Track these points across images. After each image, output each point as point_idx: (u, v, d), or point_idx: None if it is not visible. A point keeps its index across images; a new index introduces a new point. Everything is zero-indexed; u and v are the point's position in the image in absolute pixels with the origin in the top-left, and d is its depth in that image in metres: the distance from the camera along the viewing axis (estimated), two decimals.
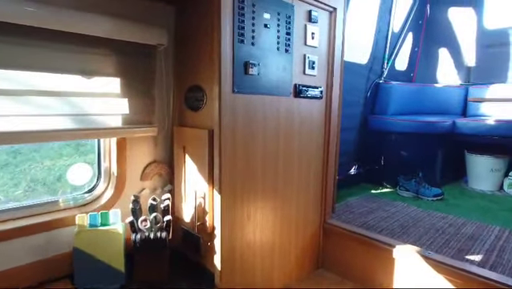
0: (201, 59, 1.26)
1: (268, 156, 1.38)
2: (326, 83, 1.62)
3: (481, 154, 2.73)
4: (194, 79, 1.30)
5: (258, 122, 1.32)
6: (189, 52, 1.31)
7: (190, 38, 1.30)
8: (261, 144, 1.34)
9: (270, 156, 1.39)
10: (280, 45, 1.35)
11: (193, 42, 1.29)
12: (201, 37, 1.25)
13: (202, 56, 1.25)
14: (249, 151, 1.30)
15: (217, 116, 1.18)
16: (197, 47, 1.27)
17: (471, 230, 1.86)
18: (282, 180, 1.45)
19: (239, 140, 1.25)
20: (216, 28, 1.15)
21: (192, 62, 1.30)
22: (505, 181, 2.70)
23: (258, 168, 1.34)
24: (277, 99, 1.38)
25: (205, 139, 1.22)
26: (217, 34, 1.15)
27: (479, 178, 2.78)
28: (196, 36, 1.27)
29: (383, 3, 2.63)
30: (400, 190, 2.60)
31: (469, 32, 3.11)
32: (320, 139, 1.65)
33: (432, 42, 3.28)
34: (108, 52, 1.20)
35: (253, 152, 1.32)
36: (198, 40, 1.26)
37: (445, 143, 2.79)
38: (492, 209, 2.26)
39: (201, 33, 1.25)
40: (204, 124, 1.26)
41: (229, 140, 1.22)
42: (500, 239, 1.74)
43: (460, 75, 3.23)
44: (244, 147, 1.28)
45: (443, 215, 2.09)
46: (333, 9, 1.57)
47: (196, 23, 1.27)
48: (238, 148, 1.26)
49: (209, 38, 1.21)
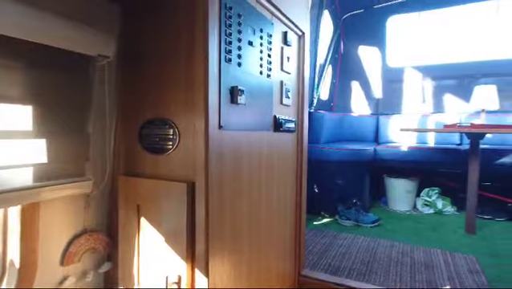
0: (168, 82, 0.88)
1: (253, 213, 1.07)
2: (297, 114, 1.42)
3: (398, 178, 2.99)
4: (157, 109, 0.90)
5: (244, 168, 1.00)
6: (148, 71, 0.91)
7: (149, 52, 0.91)
8: (246, 196, 1.02)
9: (255, 213, 1.08)
10: (263, 68, 1.09)
11: (154, 57, 0.90)
12: (169, 52, 0.88)
13: (171, 78, 0.88)
14: (236, 208, 0.96)
15: (203, 163, 0.82)
16: (162, 66, 0.89)
17: (421, 257, 1.91)
18: (264, 235, 1.15)
19: (227, 195, 0.91)
20: (201, 42, 0.81)
21: (152, 85, 0.91)
22: (418, 201, 3.02)
23: (244, 230, 1.01)
24: (260, 135, 1.10)
25: (180, 196, 0.83)
26: (202, 50, 0.81)
27: (397, 199, 3.04)
28: (158, 50, 0.90)
29: (310, 35, 2.69)
30: (341, 219, 2.58)
31: (376, 68, 3.51)
32: (293, 180, 1.42)
33: (347, 75, 3.57)
34: (12, 63, 0.71)
35: (240, 208, 0.99)
36: (163, 56, 0.89)
37: (369, 169, 2.96)
38: (420, 230, 2.43)
39: (168, 46, 0.88)
40: (176, 173, 0.87)
41: (216, 197, 0.86)
42: (449, 264, 1.82)
43: (370, 105, 3.58)
44: (231, 203, 0.93)
45: (389, 243, 2.13)
46: (302, 33, 1.42)
47: (158, 31, 0.90)
48: (226, 207, 0.91)
49: (183, 54, 0.85)
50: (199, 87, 0.82)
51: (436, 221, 2.64)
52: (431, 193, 2.97)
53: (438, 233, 2.38)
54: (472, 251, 2.00)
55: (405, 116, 3.35)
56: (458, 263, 1.84)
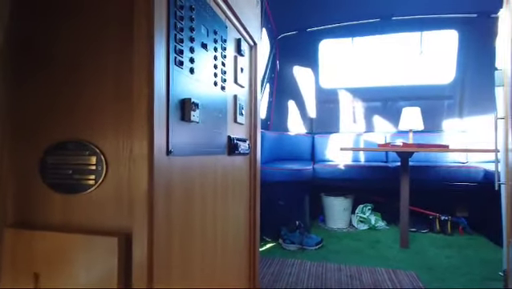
0: (89, 89, 0.61)
1: (207, 259, 0.83)
2: (250, 133, 1.24)
3: (335, 196, 3.03)
4: (71, 127, 0.62)
5: (196, 204, 0.77)
6: (58, 75, 0.63)
7: (49, 47, 0.63)
8: (199, 239, 0.78)
9: (209, 258, 0.84)
10: (217, 78, 0.89)
11: (68, 55, 0.63)
12: (91, 47, 0.62)
13: (94, 83, 0.61)
14: (187, 259, 0.72)
15: (144, 204, 0.56)
16: (75, 66, 0.62)
17: (369, 278, 1.88)
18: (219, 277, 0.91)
19: (175, 244, 0.66)
20: (142, 35, 0.57)
21: (64, 94, 0.62)
22: (353, 218, 3.09)
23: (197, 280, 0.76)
24: (214, 160, 0.88)
25: (108, 257, 0.56)
26: (145, 46, 0.57)
27: (334, 217, 3.06)
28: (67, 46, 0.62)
29: None
30: (285, 244, 2.45)
31: (310, 88, 3.59)
32: (247, 209, 1.22)
33: (283, 94, 3.57)
34: None
35: (191, 258, 0.74)
36: (77, 53, 0.62)
37: (308, 188, 2.93)
38: (361, 248, 2.45)
39: (89, 40, 0.62)
40: (100, 221, 0.59)
41: (163, 250, 0.61)
42: (395, 283, 1.82)
43: (305, 124, 3.62)
44: (181, 253, 0.69)
45: (336, 266, 2.07)
46: (254, 43, 1.26)
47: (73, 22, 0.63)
48: (174, 258, 0.66)
49: (113, 50, 0.60)
50: (140, 98, 0.57)
51: (373, 237, 2.71)
52: (365, 209, 3.07)
53: (377, 250, 2.41)
54: (411, 267, 2.05)
55: (339, 135, 3.47)
56: (402, 281, 1.84)
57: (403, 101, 3.30)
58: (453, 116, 3.29)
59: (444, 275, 1.93)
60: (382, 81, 3.52)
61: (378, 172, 2.97)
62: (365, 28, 3.37)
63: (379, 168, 3.00)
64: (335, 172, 2.98)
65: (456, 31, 3.22)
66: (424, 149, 2.39)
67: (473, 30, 3.13)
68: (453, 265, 2.10)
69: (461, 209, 3.00)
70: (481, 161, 2.99)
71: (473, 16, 3.11)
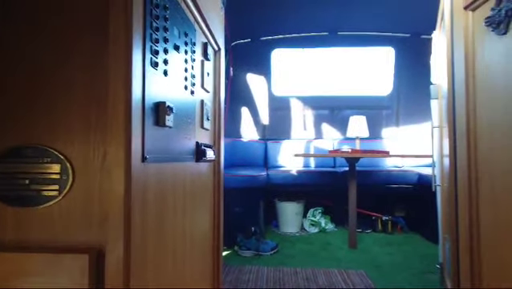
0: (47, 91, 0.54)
1: (178, 270, 0.78)
2: (214, 139, 1.22)
3: (288, 201, 3.11)
4: (29, 129, 0.54)
5: (169, 214, 0.72)
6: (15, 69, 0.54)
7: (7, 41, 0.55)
8: (171, 252, 0.74)
9: (179, 269, 0.79)
10: (187, 82, 0.86)
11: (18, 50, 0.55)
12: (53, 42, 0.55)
13: (58, 78, 0.54)
14: (161, 275, 0.67)
15: (120, 216, 0.51)
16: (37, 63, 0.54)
17: (324, 280, 1.95)
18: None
19: (149, 261, 0.61)
20: (120, 31, 0.53)
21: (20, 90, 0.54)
22: (305, 222, 3.20)
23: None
24: (183, 167, 0.84)
25: (77, 278, 0.49)
26: (122, 42, 0.53)
27: (287, 222, 3.14)
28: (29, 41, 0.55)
29: None
30: (241, 250, 2.43)
31: (263, 95, 3.66)
32: (212, 218, 1.19)
33: (237, 101, 3.57)
34: None
35: (165, 273, 0.69)
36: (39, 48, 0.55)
37: (263, 194, 2.97)
38: (314, 251, 2.54)
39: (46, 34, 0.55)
40: (66, 237, 0.52)
41: (139, 266, 0.56)
42: (348, 283, 1.91)
43: (258, 131, 3.67)
44: (155, 269, 0.64)
45: (293, 270, 2.11)
46: (218, 48, 1.25)
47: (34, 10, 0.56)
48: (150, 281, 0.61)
49: (84, 50, 0.54)
50: (116, 101, 0.52)
51: (324, 240, 2.83)
52: (315, 213, 3.20)
53: (328, 251, 2.53)
54: (360, 266, 2.18)
55: (291, 142, 3.58)
56: (354, 280, 1.95)
57: (348, 110, 3.54)
58: (391, 124, 3.62)
59: (389, 271, 2.09)
60: (330, 91, 3.74)
61: (327, 177, 3.13)
62: (315, 40, 3.55)
63: (329, 173, 3.16)
64: (288, 177, 3.06)
65: (393, 48, 3.57)
66: (369, 155, 2.58)
67: (407, 48, 3.51)
68: (395, 261, 2.28)
69: (399, 209, 3.29)
70: (414, 166, 3.32)
71: (407, 36, 3.49)
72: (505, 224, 0.97)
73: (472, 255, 1.12)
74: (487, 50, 1.10)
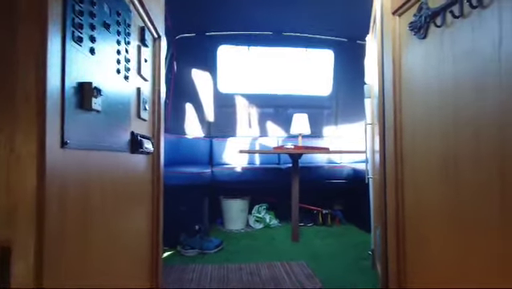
0: None
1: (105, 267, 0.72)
2: (153, 131, 1.15)
3: (233, 198, 3.11)
4: None
5: (97, 208, 0.66)
6: None
7: None
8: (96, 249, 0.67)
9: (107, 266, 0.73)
10: (121, 66, 0.79)
11: None
12: None
13: None
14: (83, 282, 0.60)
15: (32, 208, 0.44)
16: None
17: (267, 273, 1.99)
18: None
19: (71, 258, 0.55)
20: None
21: None
22: (250, 219, 3.22)
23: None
24: (116, 157, 0.78)
25: None
26: (32, 13, 0.46)
27: (232, 219, 3.13)
28: None
29: None
30: (184, 250, 2.36)
31: (208, 92, 3.60)
32: (150, 216, 1.12)
33: (181, 97, 3.45)
34: None
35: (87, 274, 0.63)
36: None
37: (208, 191, 2.92)
38: (259, 246, 2.57)
39: None
40: None
41: (55, 263, 0.49)
42: (290, 274, 1.97)
43: (203, 128, 3.60)
44: (77, 265, 0.57)
45: (237, 266, 2.11)
46: (158, 36, 1.19)
47: None
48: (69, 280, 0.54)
49: None
50: (26, 76, 0.45)
51: (268, 235, 2.89)
52: (260, 209, 3.25)
53: (273, 246, 2.58)
54: (302, 257, 2.26)
55: (236, 139, 3.58)
56: (296, 271, 2.02)
57: (292, 109, 3.66)
58: (331, 123, 3.84)
59: (327, 260, 2.20)
60: (275, 89, 3.82)
61: (272, 173, 3.19)
62: (260, 39, 3.60)
63: (273, 169, 3.23)
64: (233, 174, 3.06)
65: (332, 51, 3.78)
66: (311, 151, 2.70)
67: (345, 51, 3.75)
68: (334, 251, 2.42)
69: (337, 203, 3.50)
70: (351, 162, 3.56)
71: (345, 40, 3.72)
72: (423, 205, 1.08)
73: (398, 236, 1.23)
74: (411, 53, 1.22)
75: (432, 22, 1.09)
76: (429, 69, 1.10)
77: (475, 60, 0.89)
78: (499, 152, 0.79)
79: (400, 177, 1.27)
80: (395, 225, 1.25)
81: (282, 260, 2.21)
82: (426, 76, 1.12)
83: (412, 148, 1.20)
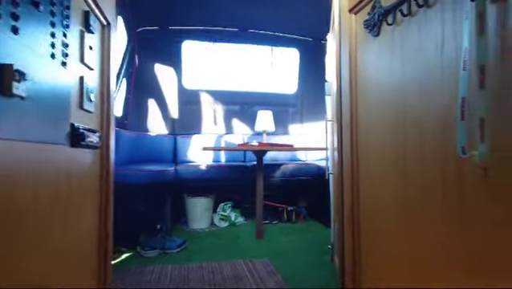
0: None
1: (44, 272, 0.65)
2: (101, 124, 1.08)
3: (198, 196, 3.05)
4: None
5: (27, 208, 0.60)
6: None
7: None
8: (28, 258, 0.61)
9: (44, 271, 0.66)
10: (56, 50, 0.72)
11: None
12: None
13: None
14: None
15: None
16: None
17: (230, 271, 1.96)
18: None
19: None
20: None
21: None
22: (215, 217, 3.18)
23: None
24: (50, 150, 0.71)
25: None
26: None
27: (197, 218, 3.07)
28: None
29: None
30: (144, 251, 2.26)
31: (173, 88, 3.49)
32: (97, 213, 1.05)
33: (143, 92, 3.32)
34: None
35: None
36: None
37: (171, 190, 2.84)
38: (222, 245, 2.54)
39: None
40: None
41: None
42: (252, 271, 1.96)
43: (167, 125, 3.49)
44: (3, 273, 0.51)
45: (199, 265, 2.06)
46: (107, 23, 1.11)
47: None
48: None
49: None
50: None
51: (233, 233, 2.86)
52: (225, 207, 3.21)
53: (237, 244, 2.56)
54: (265, 255, 2.26)
55: (202, 137, 3.52)
56: (258, 268, 2.01)
57: (258, 106, 3.66)
58: (296, 121, 3.89)
59: (290, 256, 2.22)
60: (240, 86, 3.80)
61: (237, 171, 3.17)
62: (226, 35, 3.56)
63: (238, 167, 3.20)
64: (197, 172, 3.00)
65: (297, 50, 3.83)
66: (275, 148, 2.71)
67: (310, 51, 3.81)
68: (297, 247, 2.45)
69: (302, 200, 3.55)
70: (316, 159, 3.63)
71: (310, 40, 3.78)
72: (378, 199, 1.11)
73: (353, 230, 1.26)
74: (366, 51, 1.25)
75: (384, 21, 1.12)
76: (382, 67, 1.13)
77: (421, 61, 0.92)
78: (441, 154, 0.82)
79: (355, 173, 1.30)
80: (351, 219, 1.28)
81: (246, 258, 2.19)
82: (379, 74, 1.15)
83: (367, 145, 1.23)
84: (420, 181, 0.90)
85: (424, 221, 0.88)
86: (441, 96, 0.83)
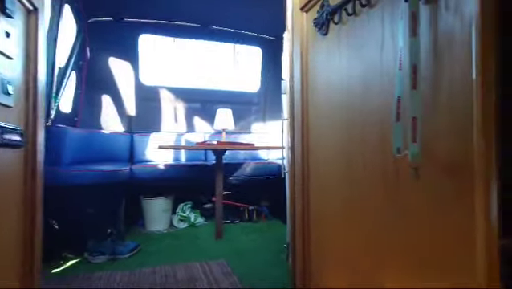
0: None
1: None
2: (25, 120, 0.97)
3: (155, 197, 2.93)
4: None
5: None
6: None
7: None
8: None
9: None
10: None
11: None
12: None
13: None
14: None
15: None
16: None
17: (184, 274, 1.90)
18: None
19: None
20: None
21: None
22: (174, 218, 3.08)
23: None
24: None
25: None
26: None
27: (154, 220, 2.95)
28: None
29: (50, 29, 2.12)
30: (92, 257, 2.12)
31: (129, 84, 3.32)
32: (20, 219, 0.94)
33: (96, 87, 3.12)
34: None
35: None
36: None
37: (125, 191, 2.70)
38: (179, 247, 2.46)
39: None
40: None
41: None
42: (207, 273, 1.91)
43: (123, 123, 3.32)
44: None
45: (151, 270, 1.97)
46: (34, 8, 1.00)
47: None
48: None
49: None
50: None
51: (192, 234, 2.78)
52: (185, 208, 3.12)
53: (195, 245, 2.49)
54: (223, 256, 2.21)
55: (161, 135, 3.38)
56: (214, 270, 1.96)
57: (220, 104, 3.59)
58: (259, 119, 3.87)
59: (249, 256, 2.20)
60: (202, 84, 3.71)
61: (197, 170, 3.09)
62: (186, 31, 3.45)
63: (199, 166, 3.13)
64: (155, 172, 2.88)
65: (260, 49, 3.81)
66: (235, 147, 2.67)
67: (273, 49, 3.80)
68: (257, 246, 2.43)
69: (264, 199, 3.54)
70: (278, 158, 3.64)
71: (272, 38, 3.78)
72: (326, 199, 1.10)
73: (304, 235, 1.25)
74: (316, 50, 1.24)
75: (332, 20, 1.11)
76: (331, 67, 1.12)
77: (364, 61, 0.92)
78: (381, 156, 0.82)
79: (306, 178, 1.29)
80: (301, 226, 1.27)
81: (203, 259, 2.13)
82: (328, 74, 1.14)
83: (317, 148, 1.22)
84: (364, 184, 0.90)
85: (368, 225, 0.88)
86: (382, 96, 0.84)
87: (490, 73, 0.56)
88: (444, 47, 0.66)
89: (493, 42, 0.56)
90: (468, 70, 0.59)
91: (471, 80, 0.57)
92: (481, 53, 0.56)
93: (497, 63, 0.57)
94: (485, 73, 0.56)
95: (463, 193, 0.59)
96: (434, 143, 0.67)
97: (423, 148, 0.68)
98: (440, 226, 0.64)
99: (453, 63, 0.64)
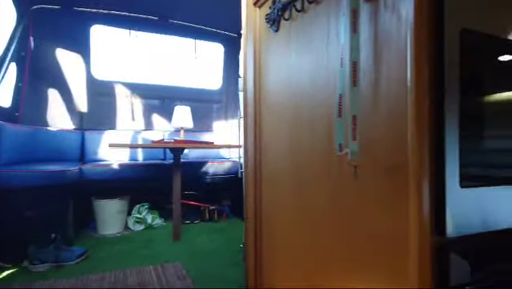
0: None
1: None
2: None
3: (108, 198, 2.76)
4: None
5: None
6: None
7: None
8: None
9: None
10: None
11: None
12: None
13: None
14: None
15: None
16: None
17: (135, 280, 1.80)
18: None
19: None
20: None
21: None
22: (129, 220, 2.93)
23: None
24: None
25: None
26: None
27: (107, 223, 2.79)
28: None
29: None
30: (33, 265, 1.94)
31: (80, 78, 3.10)
32: None
33: (40, 81, 2.87)
34: None
35: None
36: None
37: (73, 193, 2.51)
38: (133, 250, 2.34)
39: None
40: None
41: None
42: (161, 278, 1.83)
43: (73, 119, 3.10)
44: None
45: (100, 276, 1.85)
46: None
47: None
48: None
49: None
50: None
51: (148, 237, 2.67)
52: (141, 209, 2.98)
53: (150, 248, 2.38)
54: (180, 258, 2.14)
55: (116, 133, 3.20)
56: (168, 273, 1.89)
57: (179, 101, 3.48)
58: (221, 117, 3.81)
59: (206, 257, 2.14)
60: (160, 80, 3.57)
61: (155, 169, 2.96)
62: (144, 24, 3.29)
63: (156, 165, 3.00)
64: (108, 172, 2.72)
65: (222, 45, 3.75)
66: (192, 146, 2.59)
67: (234, 46, 3.76)
68: (216, 247, 2.38)
69: (225, 198, 3.50)
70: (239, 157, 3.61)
71: (235, 35, 3.73)
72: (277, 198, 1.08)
73: (256, 233, 1.22)
74: (269, 46, 1.21)
75: (282, 16, 1.09)
76: (282, 64, 1.10)
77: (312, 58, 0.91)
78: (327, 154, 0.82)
79: (258, 172, 1.27)
80: (253, 224, 1.24)
81: (157, 263, 2.04)
82: (280, 72, 1.12)
83: (270, 143, 1.20)
84: (311, 182, 0.88)
85: (314, 224, 0.87)
86: (327, 93, 0.83)
87: (424, 75, 0.56)
88: (383, 46, 0.66)
89: (428, 44, 0.56)
90: (404, 70, 0.59)
91: (406, 81, 0.57)
92: (415, 54, 0.56)
93: (430, 64, 0.57)
94: (418, 74, 0.57)
95: (399, 192, 0.59)
96: (373, 142, 0.66)
97: (362, 146, 0.68)
98: (378, 226, 0.64)
99: (390, 62, 0.64)
